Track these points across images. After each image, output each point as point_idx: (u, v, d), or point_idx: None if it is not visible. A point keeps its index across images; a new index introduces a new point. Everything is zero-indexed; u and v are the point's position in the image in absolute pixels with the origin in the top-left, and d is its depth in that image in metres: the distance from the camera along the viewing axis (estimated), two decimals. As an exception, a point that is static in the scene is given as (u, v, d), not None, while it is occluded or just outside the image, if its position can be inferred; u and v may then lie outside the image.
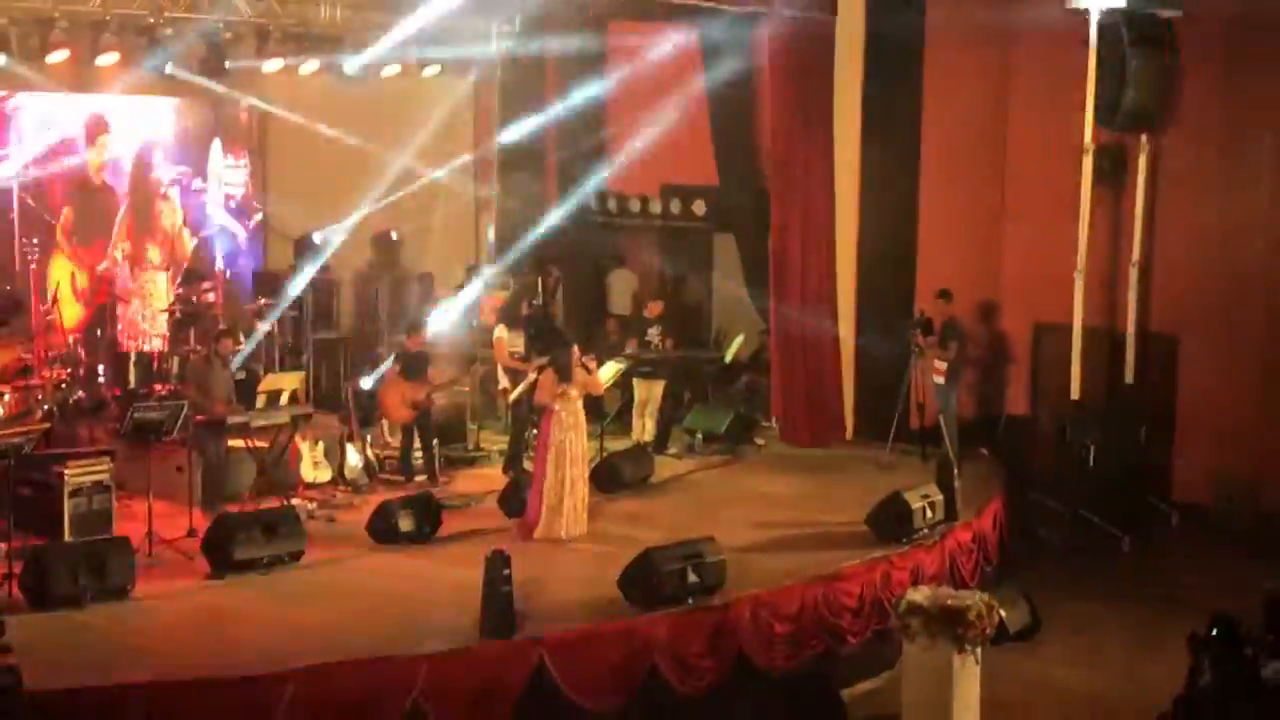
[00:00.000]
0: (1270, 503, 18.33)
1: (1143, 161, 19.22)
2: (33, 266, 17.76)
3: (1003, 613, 13.95)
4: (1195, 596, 13.41)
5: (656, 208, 20.58)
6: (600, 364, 16.86)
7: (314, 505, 15.60)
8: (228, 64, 18.15)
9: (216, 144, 19.85)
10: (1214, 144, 19.11)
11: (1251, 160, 18.80)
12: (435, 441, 17.30)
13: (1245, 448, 18.89)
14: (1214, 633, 11.08)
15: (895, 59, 19.12)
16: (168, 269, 19.09)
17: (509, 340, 18.20)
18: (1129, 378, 19.28)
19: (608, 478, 16.44)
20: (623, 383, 18.53)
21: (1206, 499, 18.98)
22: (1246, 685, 10.13)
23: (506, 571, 11.97)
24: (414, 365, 17.16)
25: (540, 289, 20.23)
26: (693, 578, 12.87)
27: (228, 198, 20.14)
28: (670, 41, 19.49)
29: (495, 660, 11.73)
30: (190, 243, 19.53)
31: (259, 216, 20.27)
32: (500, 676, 11.66)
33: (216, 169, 19.93)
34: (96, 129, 18.62)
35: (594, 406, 16.14)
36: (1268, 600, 11.50)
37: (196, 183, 19.72)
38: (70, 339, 17.91)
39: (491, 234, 21.49)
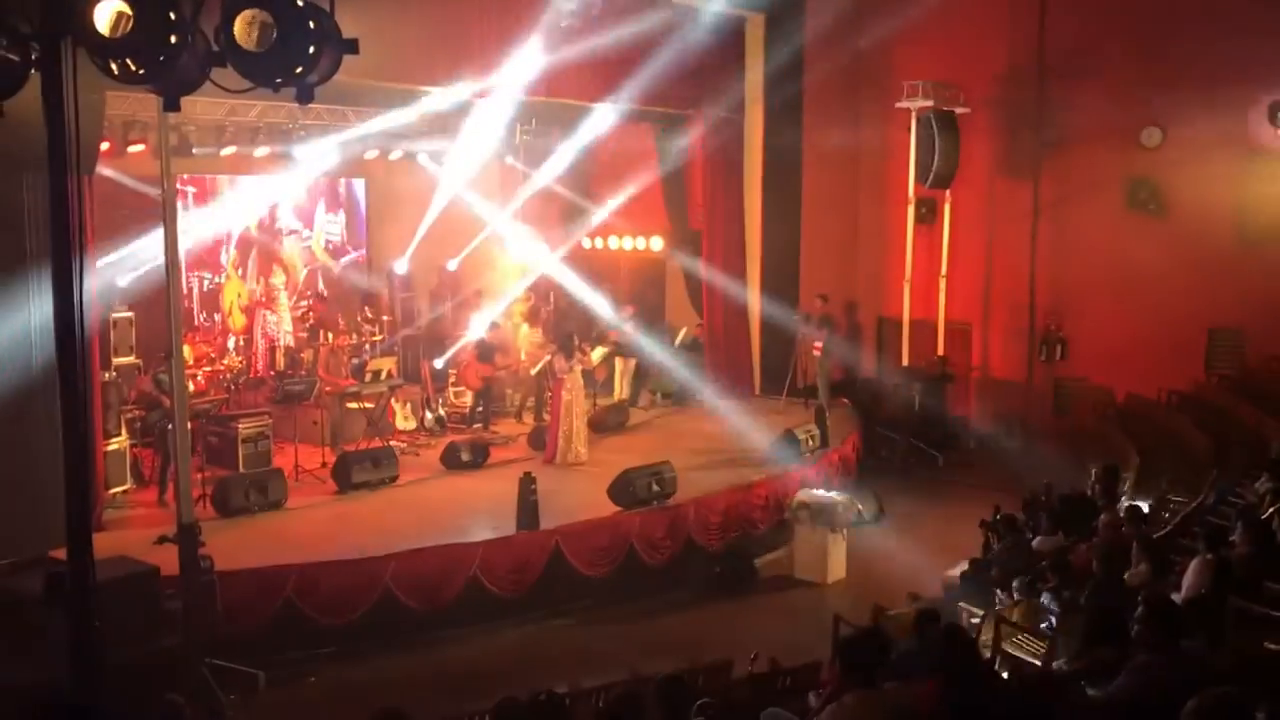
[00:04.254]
0: (1034, 431, 18.46)
1: (947, 208, 19.30)
2: (205, 289, 17.79)
3: (860, 506, 14.07)
4: (985, 494, 13.46)
5: (629, 244, 20.52)
6: (592, 348, 16.90)
7: (405, 445, 15.57)
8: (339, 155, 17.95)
9: (321, 205, 19.65)
10: (989, 196, 19.25)
11: (1013, 207, 18.94)
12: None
13: (1016, 395, 19.04)
14: (997, 517, 11.21)
15: (784, 141, 19.07)
16: (287, 290, 18.89)
17: (530, 333, 18.22)
18: (940, 351, 19.35)
19: (599, 423, 16.43)
20: (607, 360, 18.52)
21: (991, 429, 19.08)
22: (1019, 552, 10.23)
23: (533, 486, 12.03)
24: (486, 352, 17.09)
25: (551, 300, 20.18)
26: (656, 488, 12.92)
27: (328, 243, 19.95)
28: (634, 134, 19.39)
29: (526, 545, 11.78)
30: (303, 272, 19.37)
31: (353, 256, 20.03)
32: (530, 555, 11.72)
33: (320, 223, 19.73)
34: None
35: (589, 376, 16.11)
36: (1035, 496, 11.63)
37: (306, 232, 19.55)
38: (237, 339, 17.89)
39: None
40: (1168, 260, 16.84)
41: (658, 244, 20.17)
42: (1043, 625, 8.23)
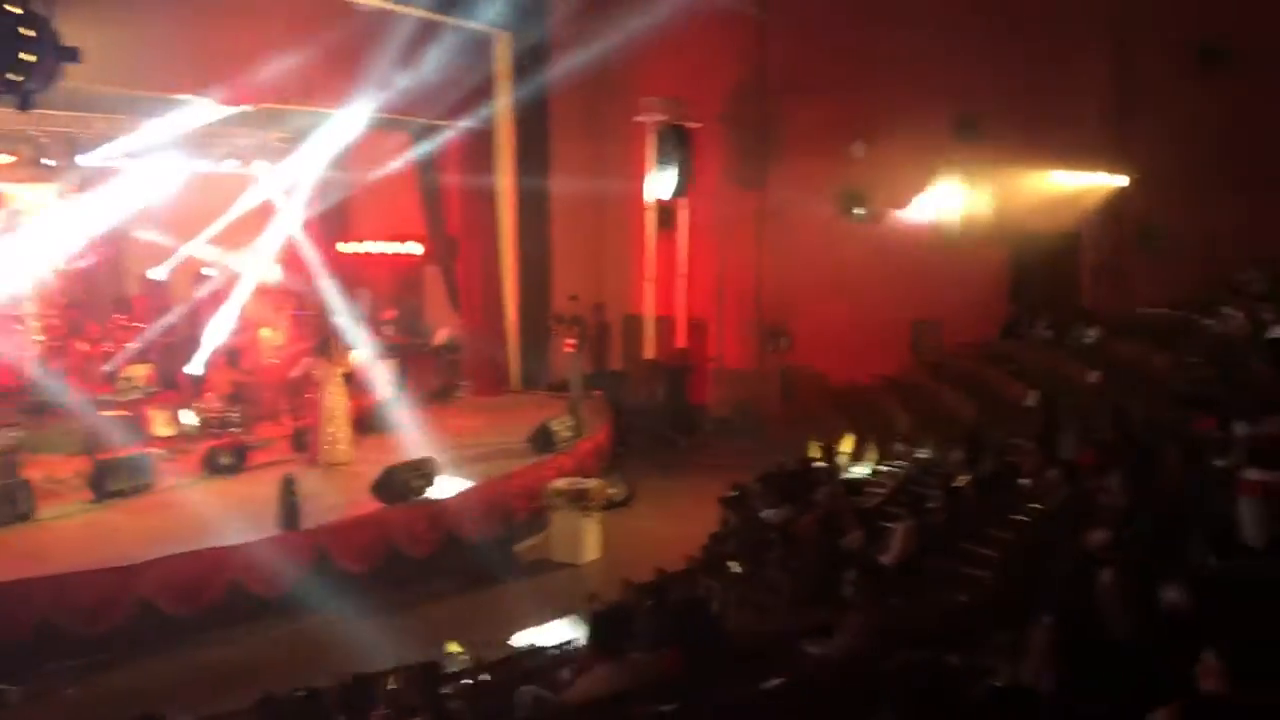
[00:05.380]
0: (763, 414, 19.13)
1: (683, 215, 19.76)
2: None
3: (612, 490, 14.24)
4: (724, 473, 13.80)
5: (388, 248, 20.06)
6: (352, 351, 16.36)
7: (163, 451, 14.61)
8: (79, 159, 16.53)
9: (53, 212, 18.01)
10: (719, 204, 19.84)
11: (741, 213, 19.60)
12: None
13: (749, 383, 19.70)
14: (734, 495, 11.54)
15: (533, 150, 19.06)
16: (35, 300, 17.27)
17: (272, 336, 17.51)
18: (680, 344, 19.82)
19: (361, 424, 15.86)
20: (367, 362, 17.96)
21: (728, 414, 19.68)
22: (752, 524, 10.58)
23: (294, 487, 11.58)
24: (233, 357, 16.33)
25: (307, 304, 19.42)
26: (418, 483, 12.67)
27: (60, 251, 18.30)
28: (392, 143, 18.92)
29: (289, 544, 11.34)
30: (49, 279, 17.82)
31: (84, 263, 18.47)
32: (292, 555, 11.27)
33: (52, 229, 18.14)
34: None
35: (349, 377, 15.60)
36: (766, 473, 12.03)
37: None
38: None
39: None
40: (875, 261, 17.81)
41: (416, 249, 19.81)
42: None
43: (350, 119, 16.52)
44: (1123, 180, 16.79)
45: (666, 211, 19.93)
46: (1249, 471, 6.83)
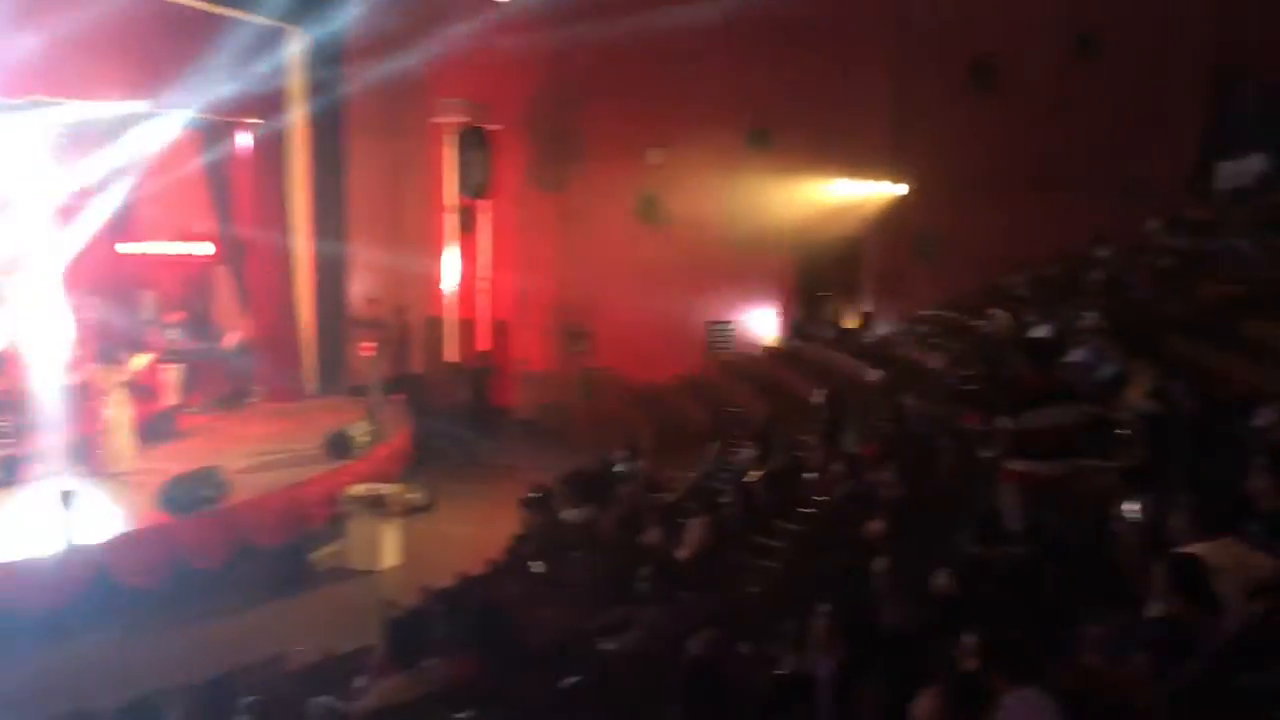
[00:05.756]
0: (567, 416, 19.22)
1: (485, 217, 19.65)
2: None
3: (411, 496, 14.00)
4: (528, 476, 13.74)
5: (175, 248, 19.10)
6: (135, 356, 15.52)
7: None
8: None
9: None
10: (521, 207, 19.85)
11: (542, 216, 19.67)
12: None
13: (550, 384, 19.75)
14: (535, 496, 11.50)
15: (329, 150, 18.53)
16: None
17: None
18: (483, 347, 19.68)
19: (146, 432, 15.06)
20: (152, 367, 17.05)
21: (532, 415, 19.68)
22: (554, 524, 10.57)
23: (73, 500, 10.89)
24: (5, 363, 15.20)
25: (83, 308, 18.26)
26: (207, 492, 12.14)
27: None
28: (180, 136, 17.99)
29: (65, 562, 10.66)
30: None
31: None
32: (70, 572, 10.62)
33: None
34: None
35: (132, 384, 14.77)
36: (567, 473, 12.03)
37: None
38: None
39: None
40: (672, 263, 18.19)
41: (204, 249, 18.95)
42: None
43: (134, 114, 15.71)
44: (902, 189, 17.71)
45: (468, 213, 19.77)
46: (1010, 462, 7.28)
